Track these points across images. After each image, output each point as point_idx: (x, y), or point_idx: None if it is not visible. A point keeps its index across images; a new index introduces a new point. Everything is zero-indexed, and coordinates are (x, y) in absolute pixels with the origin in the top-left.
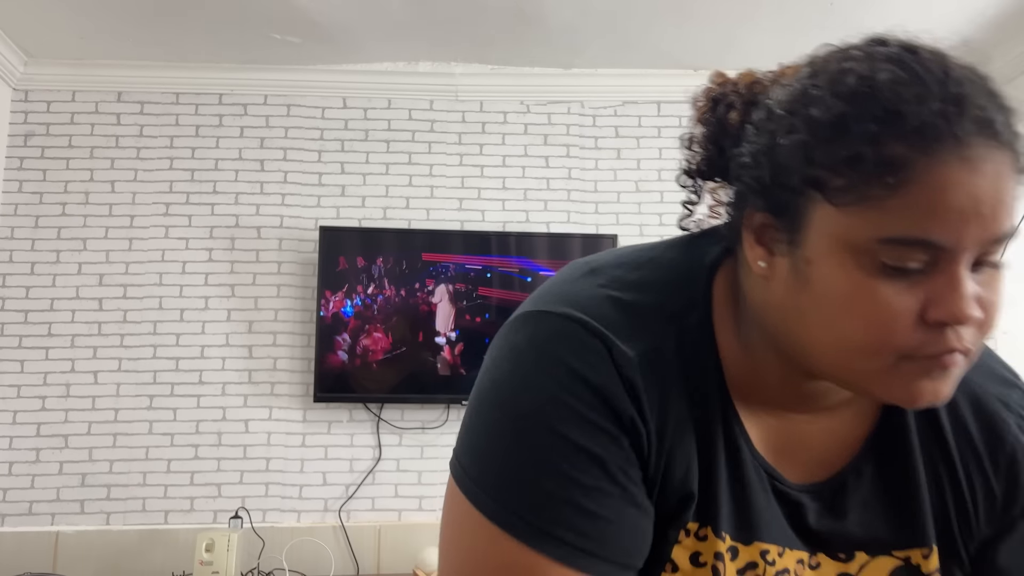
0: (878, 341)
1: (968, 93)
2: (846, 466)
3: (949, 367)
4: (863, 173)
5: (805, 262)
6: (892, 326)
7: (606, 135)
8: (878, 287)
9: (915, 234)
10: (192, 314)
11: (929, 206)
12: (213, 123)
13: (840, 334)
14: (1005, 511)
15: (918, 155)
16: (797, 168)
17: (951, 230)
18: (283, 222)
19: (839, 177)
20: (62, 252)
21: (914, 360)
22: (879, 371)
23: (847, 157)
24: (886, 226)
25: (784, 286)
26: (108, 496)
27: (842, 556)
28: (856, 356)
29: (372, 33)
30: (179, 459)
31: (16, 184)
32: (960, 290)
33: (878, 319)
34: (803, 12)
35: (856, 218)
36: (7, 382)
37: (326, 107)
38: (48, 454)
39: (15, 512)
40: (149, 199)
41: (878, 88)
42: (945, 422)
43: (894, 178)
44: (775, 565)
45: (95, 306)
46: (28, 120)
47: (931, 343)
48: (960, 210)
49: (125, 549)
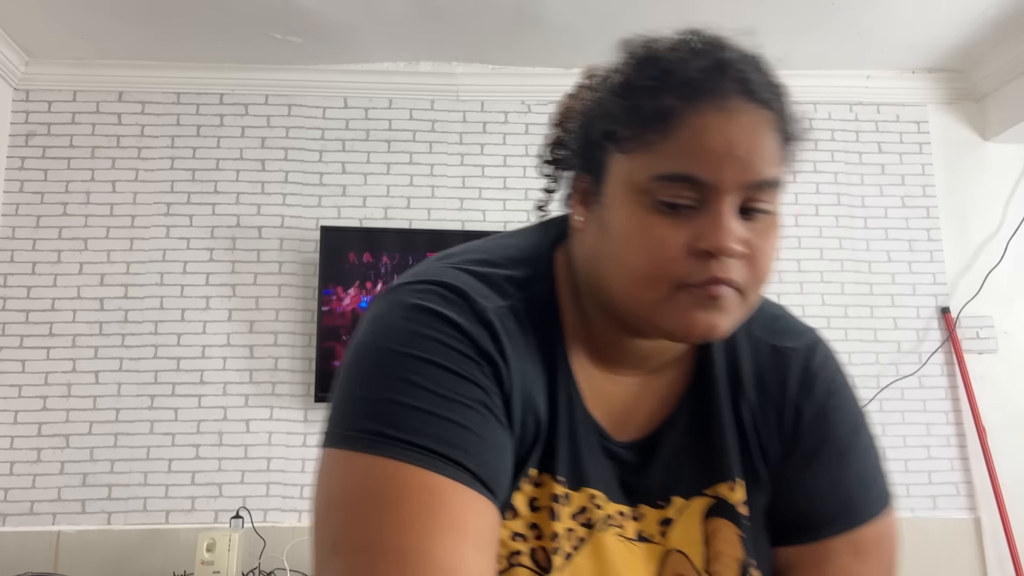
0: (653, 270)
1: (731, 60)
2: (664, 421)
3: (718, 298)
4: (642, 121)
5: (605, 208)
6: (665, 256)
7: None
8: (654, 222)
9: (680, 170)
10: (193, 314)
11: (692, 147)
12: (214, 123)
13: (625, 266)
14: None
15: (684, 104)
16: (599, 126)
17: (711, 168)
18: (284, 222)
19: (625, 128)
20: (63, 252)
21: (687, 290)
22: (659, 301)
23: (630, 108)
24: (659, 165)
25: (593, 235)
26: (109, 496)
27: (661, 503)
28: (638, 286)
29: (373, 33)
30: (180, 459)
31: (17, 184)
32: (721, 223)
33: (653, 250)
34: (805, 12)
35: (637, 162)
36: (8, 382)
37: (327, 107)
38: (49, 454)
39: (16, 512)
40: (150, 199)
41: (657, 55)
42: (745, 370)
43: (664, 124)
44: (602, 510)
45: (96, 306)
46: (29, 120)
47: (699, 271)
48: (717, 151)
49: (126, 549)
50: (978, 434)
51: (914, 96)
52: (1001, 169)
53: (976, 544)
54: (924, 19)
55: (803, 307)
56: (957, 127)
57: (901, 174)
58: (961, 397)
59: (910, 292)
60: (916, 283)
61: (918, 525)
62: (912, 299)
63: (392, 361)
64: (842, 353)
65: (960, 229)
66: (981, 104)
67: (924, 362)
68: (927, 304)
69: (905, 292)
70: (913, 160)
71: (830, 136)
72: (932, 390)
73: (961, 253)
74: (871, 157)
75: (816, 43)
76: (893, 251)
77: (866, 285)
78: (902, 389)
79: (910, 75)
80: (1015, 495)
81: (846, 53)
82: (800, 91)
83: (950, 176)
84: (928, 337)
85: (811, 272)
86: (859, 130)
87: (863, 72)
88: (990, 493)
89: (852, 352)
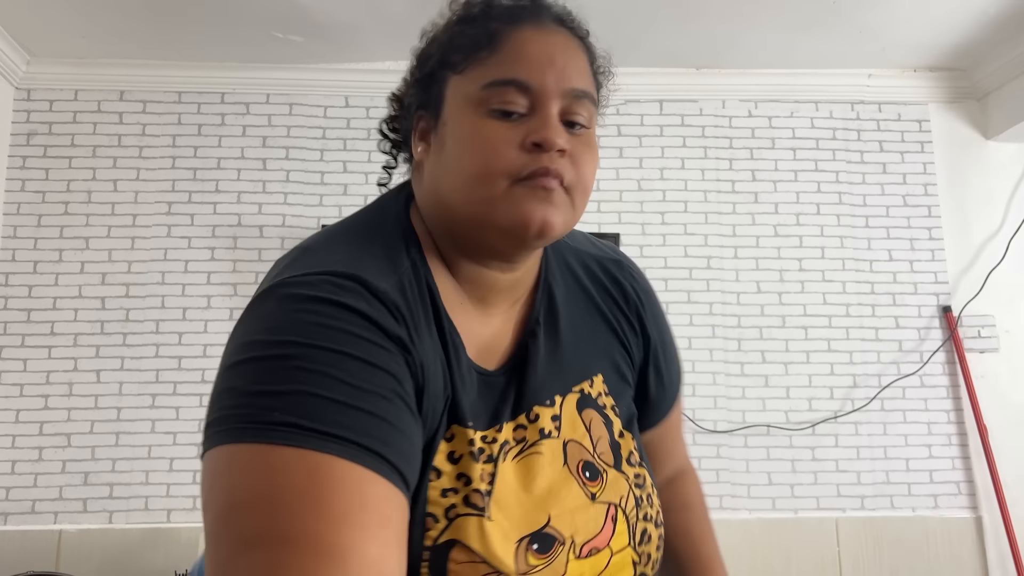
0: (488, 166)
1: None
2: (525, 341)
3: (550, 191)
4: (472, 43)
5: (443, 125)
6: (498, 151)
7: (608, 133)
8: (487, 125)
9: (507, 75)
10: (195, 313)
11: (515, 56)
12: (215, 122)
13: (462, 170)
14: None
15: (507, 26)
16: (435, 60)
17: (534, 72)
18: (285, 221)
19: (458, 53)
20: (65, 251)
21: (521, 183)
22: (496, 197)
23: (459, 35)
24: (488, 75)
25: (434, 158)
26: (111, 495)
27: (548, 403)
28: (476, 185)
29: (374, 31)
30: (181, 457)
31: (19, 183)
32: (548, 121)
33: (487, 148)
34: (806, 11)
35: (469, 78)
36: (10, 380)
37: (328, 105)
38: (51, 452)
39: (18, 511)
40: (151, 198)
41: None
42: (585, 281)
43: (491, 42)
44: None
45: (98, 305)
46: (31, 119)
47: (531, 163)
48: (538, 59)
49: (128, 548)
50: (979, 433)
51: (916, 95)
52: (1003, 168)
53: (977, 543)
54: (926, 18)
55: (804, 306)
56: (959, 126)
57: (903, 173)
58: (962, 396)
59: (911, 291)
60: (918, 282)
61: (919, 524)
62: (913, 298)
63: (298, 354)
64: (843, 352)
65: (962, 228)
66: (983, 103)
67: (925, 361)
68: (928, 303)
69: (907, 291)
70: (915, 159)
71: (831, 135)
72: (933, 389)
73: (963, 252)
74: (873, 156)
75: (818, 42)
76: (895, 250)
77: (867, 284)
78: (903, 388)
79: (912, 74)
80: (1016, 494)
81: (848, 52)
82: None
83: (952, 175)
84: (929, 336)
85: (812, 271)
86: (860, 129)
87: (865, 71)
88: (991, 492)
89: (853, 351)
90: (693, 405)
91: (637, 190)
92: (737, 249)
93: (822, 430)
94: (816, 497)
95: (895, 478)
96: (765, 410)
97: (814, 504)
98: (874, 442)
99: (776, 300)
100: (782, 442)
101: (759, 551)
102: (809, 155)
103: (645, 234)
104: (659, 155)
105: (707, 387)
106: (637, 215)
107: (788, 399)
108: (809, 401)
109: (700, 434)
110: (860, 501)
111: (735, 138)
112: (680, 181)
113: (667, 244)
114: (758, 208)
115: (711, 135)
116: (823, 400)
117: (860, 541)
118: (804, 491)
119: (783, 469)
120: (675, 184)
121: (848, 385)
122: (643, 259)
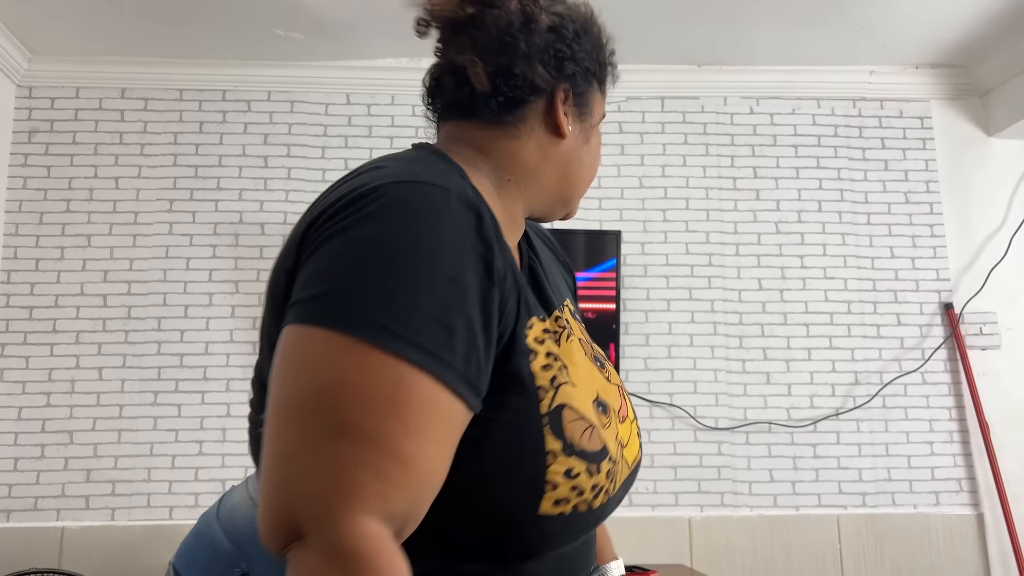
0: (588, 186)
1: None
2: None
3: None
4: (607, 76)
5: (591, 126)
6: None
7: (610, 130)
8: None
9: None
10: (196, 310)
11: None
12: (217, 119)
13: (584, 178)
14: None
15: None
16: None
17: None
18: (287, 218)
19: (607, 76)
20: (66, 248)
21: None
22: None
23: (610, 64)
24: (604, 109)
25: (574, 142)
26: (113, 492)
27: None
28: (578, 193)
29: (375, 29)
30: (184, 455)
31: (20, 180)
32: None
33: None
34: (808, 8)
35: (600, 104)
36: (12, 378)
37: (330, 103)
38: (53, 450)
39: (20, 508)
40: (153, 195)
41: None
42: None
43: (611, 82)
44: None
45: (99, 302)
46: (32, 116)
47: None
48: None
49: (130, 545)
50: (981, 430)
51: (917, 92)
52: (1005, 165)
53: (979, 540)
54: (927, 14)
55: (806, 303)
56: (961, 123)
57: (904, 170)
58: (964, 393)
59: (913, 288)
60: (919, 279)
61: (921, 521)
62: (915, 295)
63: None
64: (845, 349)
65: (963, 225)
66: (985, 100)
67: (927, 358)
68: (930, 300)
69: (908, 288)
70: (916, 156)
71: (833, 132)
72: (935, 386)
73: (964, 249)
74: (874, 153)
75: (819, 39)
76: (896, 247)
77: (869, 281)
78: (905, 385)
79: (914, 71)
80: (1018, 491)
81: (849, 49)
82: (803, 86)
83: (953, 172)
84: (931, 333)
85: (814, 268)
86: (862, 126)
87: (866, 68)
88: (993, 489)
89: (855, 348)
90: (695, 402)
91: (639, 187)
92: (739, 246)
93: (824, 427)
94: (818, 494)
95: (896, 475)
96: (767, 407)
97: (816, 501)
98: (876, 439)
99: (778, 297)
100: (784, 439)
101: (761, 548)
102: (811, 152)
103: (647, 231)
104: (660, 152)
105: (709, 384)
106: (639, 212)
107: (790, 396)
108: (811, 398)
109: (702, 431)
110: (862, 498)
111: (737, 135)
112: (682, 178)
113: (668, 241)
114: (760, 205)
115: (713, 132)
116: (825, 397)
117: (862, 538)
118: (806, 488)
119: (785, 466)
120: (676, 181)
121: (849, 382)
122: (645, 256)
